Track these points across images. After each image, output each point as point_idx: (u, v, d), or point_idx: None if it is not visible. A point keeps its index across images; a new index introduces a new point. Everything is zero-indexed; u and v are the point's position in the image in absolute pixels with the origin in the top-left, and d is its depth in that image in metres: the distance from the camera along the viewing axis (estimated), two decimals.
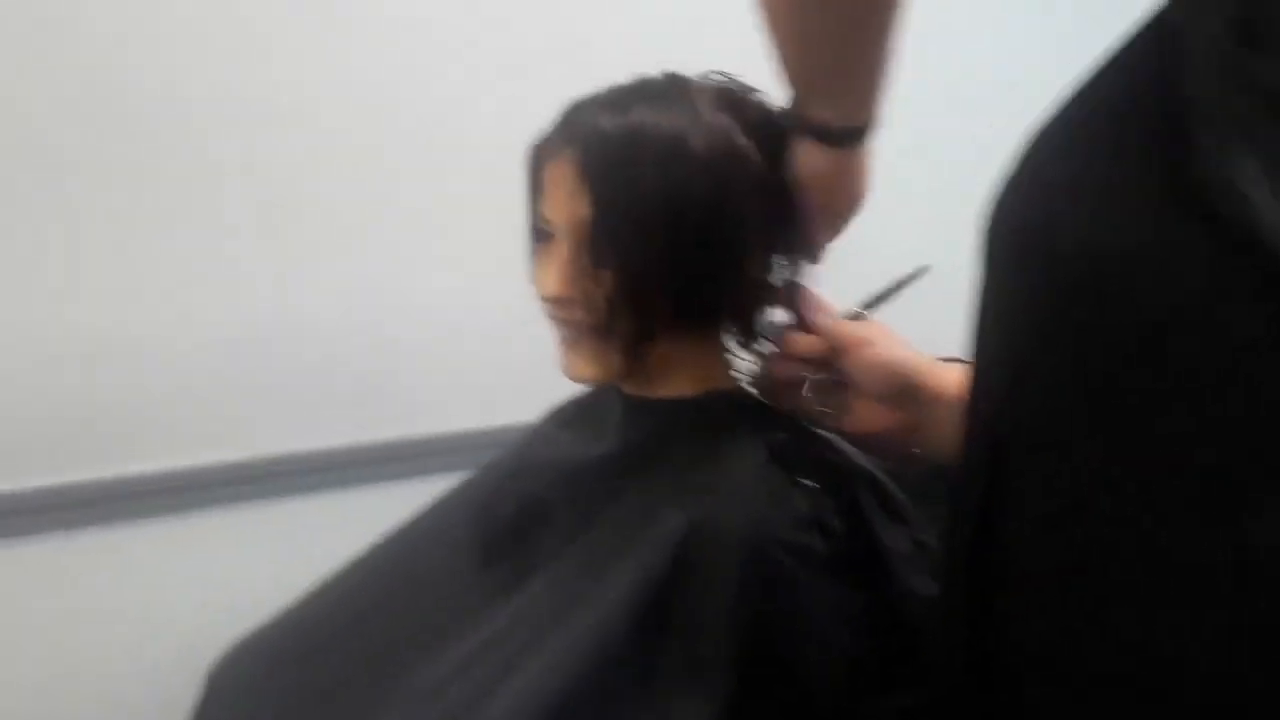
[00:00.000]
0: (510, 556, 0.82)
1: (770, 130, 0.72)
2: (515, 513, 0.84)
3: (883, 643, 0.69)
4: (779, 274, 0.78)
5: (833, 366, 0.75)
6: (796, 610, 0.67)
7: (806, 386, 0.76)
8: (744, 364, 0.80)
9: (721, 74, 0.77)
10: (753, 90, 0.76)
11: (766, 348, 0.79)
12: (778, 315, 0.79)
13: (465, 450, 1.36)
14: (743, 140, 0.70)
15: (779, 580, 0.67)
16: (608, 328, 0.72)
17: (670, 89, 0.73)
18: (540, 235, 0.77)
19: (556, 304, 0.73)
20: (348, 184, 1.27)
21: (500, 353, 1.37)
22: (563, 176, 0.72)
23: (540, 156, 0.76)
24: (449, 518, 0.91)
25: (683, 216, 0.68)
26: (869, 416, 0.75)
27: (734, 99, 0.73)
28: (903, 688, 0.67)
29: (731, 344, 0.79)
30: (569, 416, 0.90)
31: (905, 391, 0.72)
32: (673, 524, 0.69)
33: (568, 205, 0.71)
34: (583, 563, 0.74)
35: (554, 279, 0.73)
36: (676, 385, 0.78)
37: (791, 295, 0.78)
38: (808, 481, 0.72)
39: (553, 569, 0.76)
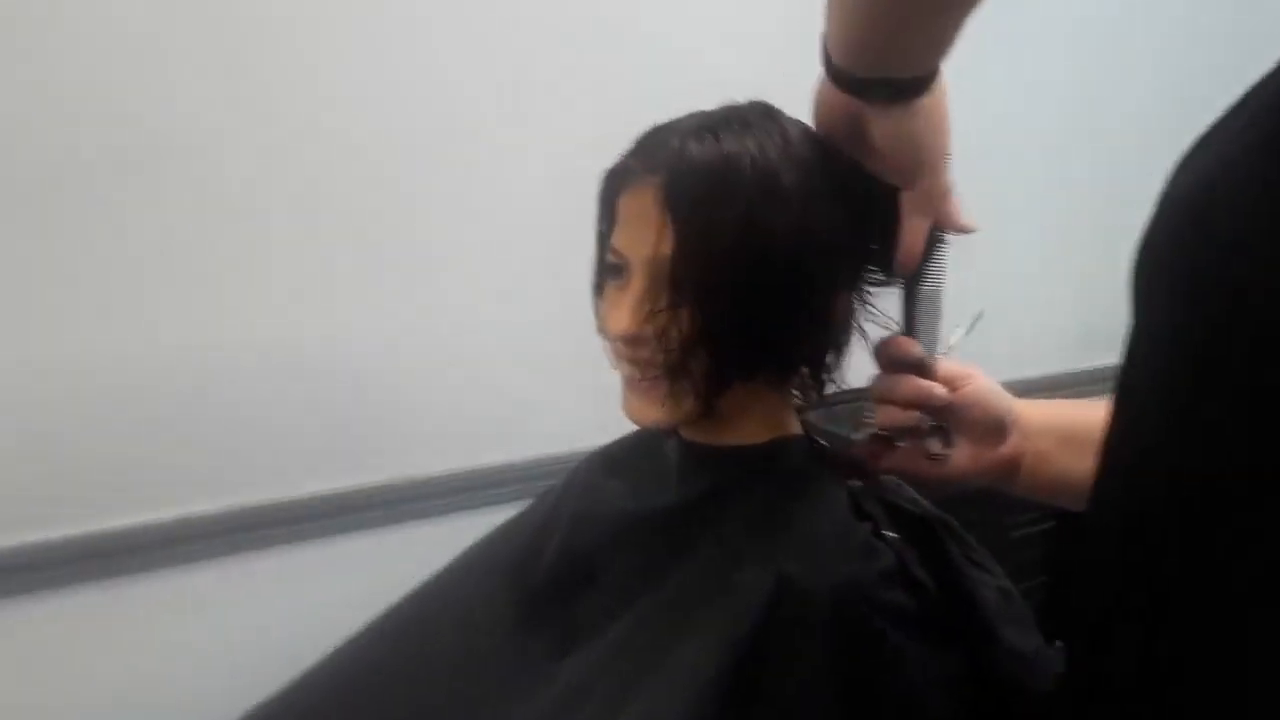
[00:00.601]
0: (555, 621, 0.77)
1: (858, 168, 0.68)
2: (558, 572, 0.80)
3: (979, 702, 0.65)
4: (857, 316, 0.74)
5: (939, 409, 0.72)
6: (889, 674, 0.63)
7: (917, 433, 0.73)
8: (854, 432, 0.77)
9: None
10: None
11: (864, 408, 0.76)
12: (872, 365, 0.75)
13: (461, 491, 1.33)
14: (831, 180, 0.66)
15: (871, 643, 0.63)
16: (682, 369, 0.67)
17: (760, 118, 0.68)
18: (611, 269, 0.71)
19: (628, 342, 0.68)
20: (335, 218, 1.22)
21: (490, 391, 1.34)
22: (642, 207, 0.67)
23: (616, 184, 0.71)
24: (476, 579, 0.86)
25: (771, 255, 0.64)
26: (970, 459, 0.72)
27: (819, 133, 0.69)
28: None
29: (799, 389, 0.75)
30: (614, 464, 0.85)
31: (1008, 424, 0.69)
32: (755, 584, 0.65)
33: (647, 238, 0.66)
34: (651, 626, 0.69)
35: (627, 316, 0.67)
36: (743, 432, 0.74)
37: (889, 344, 0.74)
38: (890, 533, 0.69)
39: (613, 633, 0.72)
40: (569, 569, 0.79)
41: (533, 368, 1.36)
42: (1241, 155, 0.44)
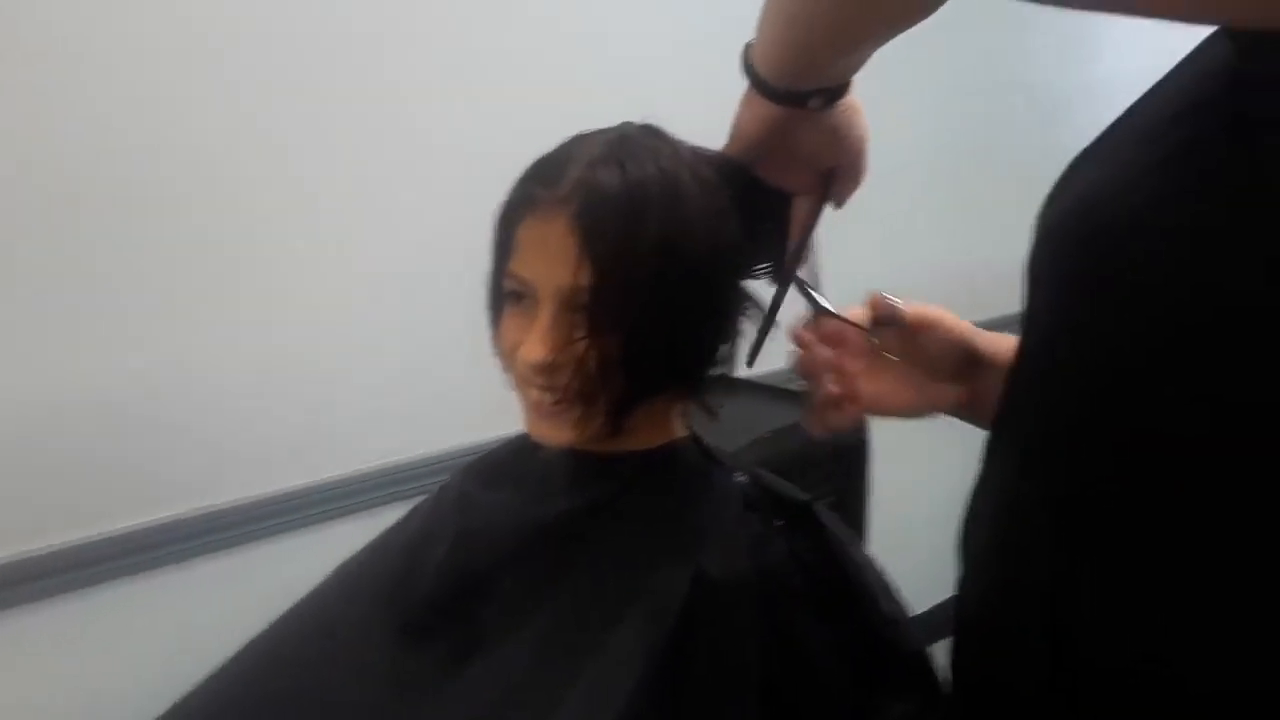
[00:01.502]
0: (446, 639, 0.76)
1: (739, 179, 0.72)
2: (446, 590, 0.78)
3: (866, 664, 0.72)
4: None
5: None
6: (803, 653, 0.69)
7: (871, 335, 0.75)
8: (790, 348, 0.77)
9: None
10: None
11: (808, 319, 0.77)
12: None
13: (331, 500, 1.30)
14: (724, 193, 0.70)
15: (784, 628, 0.69)
16: (595, 392, 0.68)
17: (654, 140, 0.70)
18: (511, 296, 0.70)
19: (540, 370, 0.68)
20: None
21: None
22: (550, 236, 0.66)
23: (518, 212, 0.69)
24: (345, 604, 0.83)
25: (685, 276, 0.67)
26: (934, 395, 0.77)
27: (700, 150, 0.72)
28: (896, 709, 0.71)
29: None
30: (491, 477, 0.84)
31: (971, 362, 0.75)
32: (670, 583, 0.68)
33: (559, 267, 0.66)
34: (564, 633, 0.71)
35: (540, 345, 0.67)
36: (636, 439, 0.76)
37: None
38: (779, 522, 0.75)
39: (520, 645, 0.72)
40: (458, 586, 0.77)
41: (390, 375, 1.34)
42: (1134, 174, 0.51)
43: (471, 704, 0.70)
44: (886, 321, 0.75)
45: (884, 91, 0.80)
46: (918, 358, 0.76)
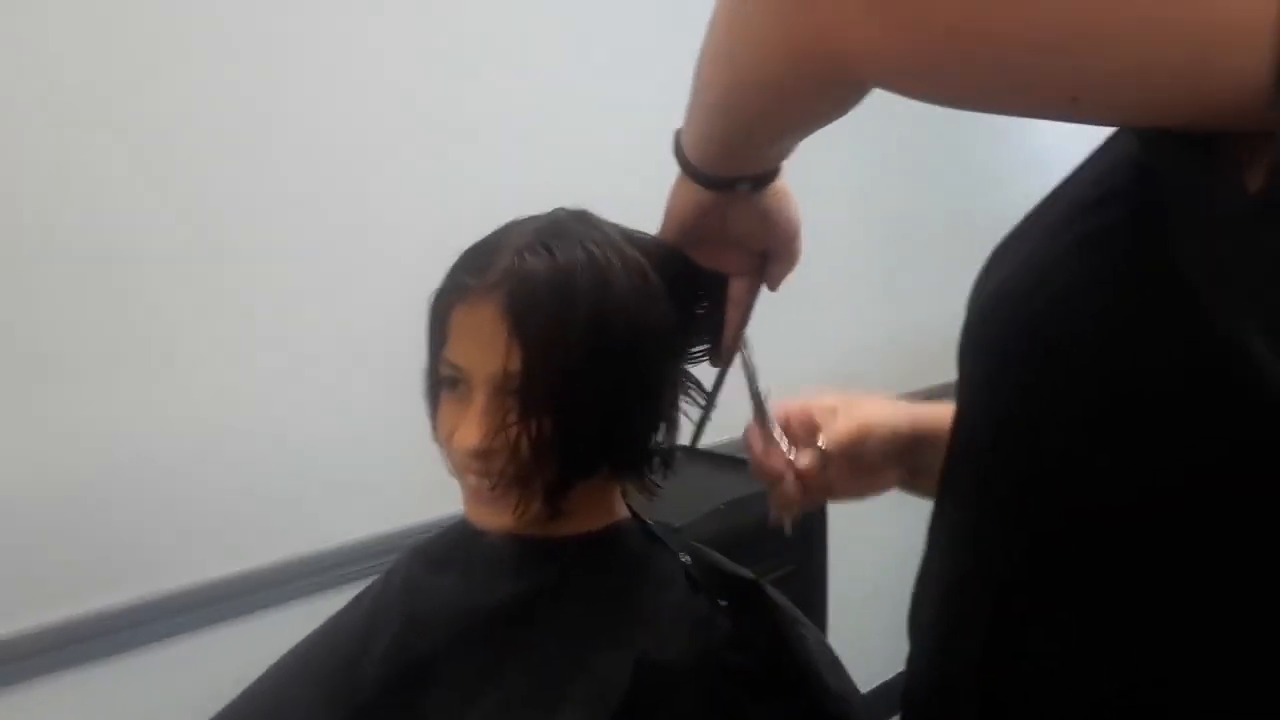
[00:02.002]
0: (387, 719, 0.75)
1: (675, 260, 0.74)
2: (391, 676, 0.77)
3: None
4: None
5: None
6: None
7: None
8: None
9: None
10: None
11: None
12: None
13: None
14: (654, 275, 0.71)
15: (730, 709, 0.69)
16: (531, 476, 0.69)
17: (582, 224, 0.71)
18: (447, 382, 0.71)
19: (476, 456, 0.68)
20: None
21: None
22: (482, 322, 0.67)
23: (449, 300, 0.71)
24: (294, 692, 0.81)
25: (615, 358, 0.68)
26: (881, 481, 0.79)
27: (633, 233, 0.74)
28: None
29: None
30: (437, 561, 0.84)
31: (912, 445, 0.76)
32: (613, 667, 0.68)
33: (490, 353, 0.67)
34: (510, 717, 0.70)
35: (475, 431, 0.68)
36: (579, 522, 0.76)
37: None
38: (723, 602, 0.75)
39: None
40: (404, 673, 0.77)
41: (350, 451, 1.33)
42: (1053, 259, 0.53)
43: None
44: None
45: (821, 167, 0.82)
46: (857, 463, 0.78)
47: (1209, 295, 0.42)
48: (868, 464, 0.78)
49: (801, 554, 1.56)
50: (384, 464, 1.32)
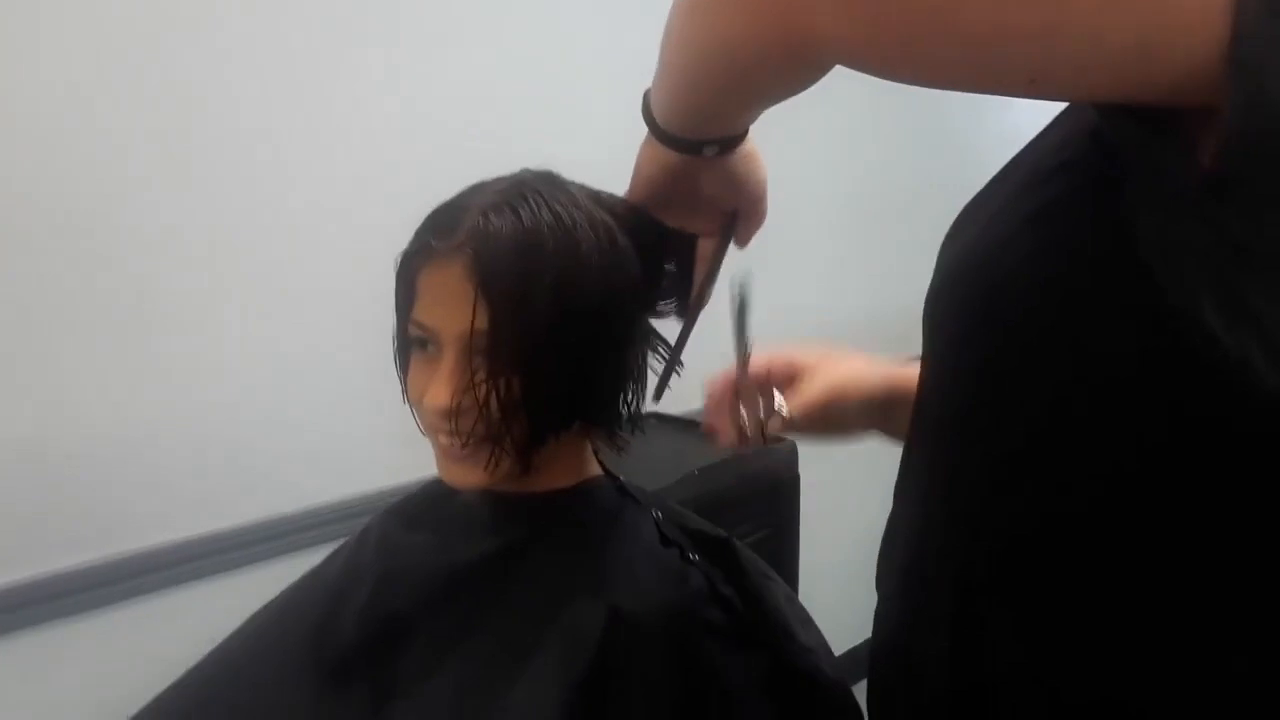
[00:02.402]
0: (365, 682, 0.76)
1: (644, 221, 0.74)
2: (366, 633, 0.78)
3: (787, 693, 0.74)
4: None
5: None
6: (715, 683, 0.70)
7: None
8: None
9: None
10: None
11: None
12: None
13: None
14: (621, 235, 0.72)
15: (702, 661, 0.70)
16: (501, 434, 0.69)
17: (548, 185, 0.71)
18: (416, 342, 0.72)
19: (446, 415, 0.69)
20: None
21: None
22: (449, 282, 0.67)
23: (416, 262, 0.71)
24: (267, 647, 0.82)
25: (582, 315, 0.68)
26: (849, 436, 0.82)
27: (600, 194, 0.74)
28: None
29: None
30: (413, 519, 0.84)
31: (886, 403, 0.78)
32: (586, 621, 0.69)
33: (458, 313, 0.67)
34: (482, 672, 0.71)
35: (444, 390, 0.68)
36: (551, 479, 0.77)
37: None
38: (694, 556, 0.76)
39: (438, 685, 0.72)
40: (379, 629, 0.77)
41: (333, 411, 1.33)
42: (1010, 229, 0.54)
43: None
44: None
45: (794, 135, 0.82)
46: (826, 421, 0.80)
47: (1161, 269, 0.43)
48: (837, 422, 0.79)
49: (775, 519, 1.58)
50: (357, 427, 1.32)
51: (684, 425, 1.68)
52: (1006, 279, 0.53)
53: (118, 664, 1.11)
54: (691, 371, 0.84)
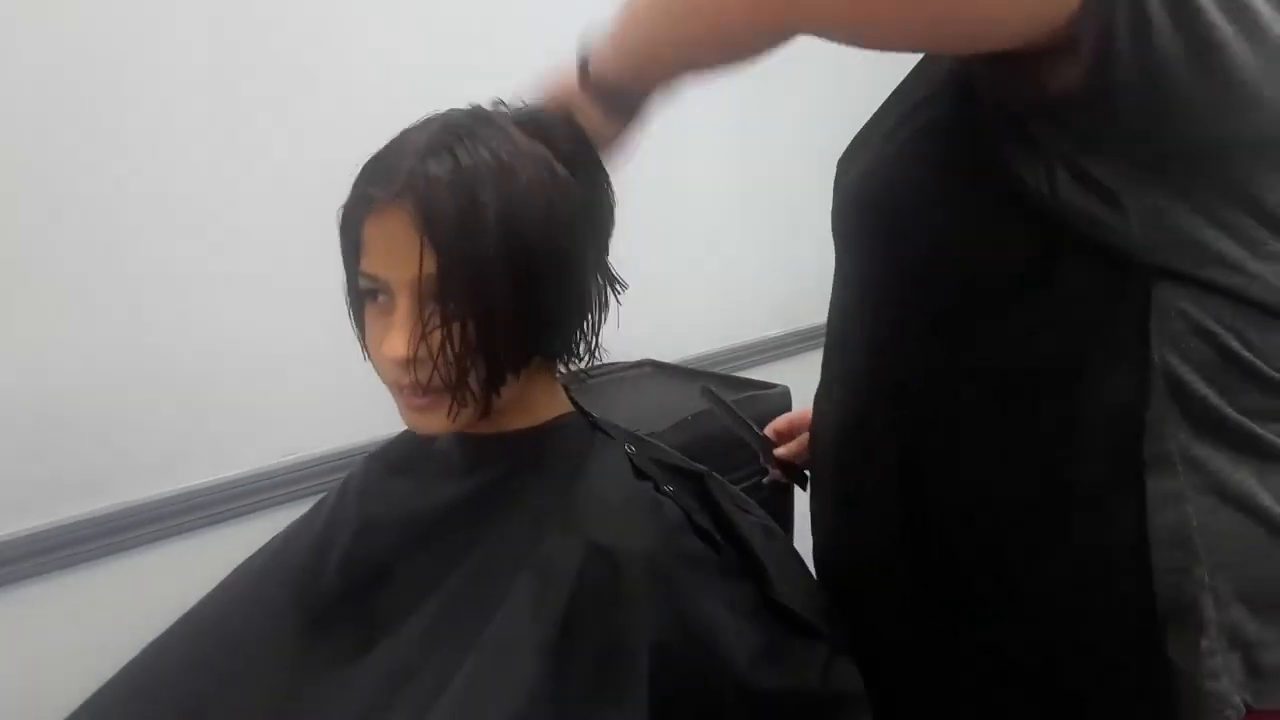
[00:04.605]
0: (350, 624, 0.77)
1: (577, 148, 0.74)
2: (348, 577, 0.79)
3: (768, 623, 0.74)
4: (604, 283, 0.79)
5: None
6: (701, 614, 0.70)
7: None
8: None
9: (503, 101, 0.76)
10: (543, 112, 0.75)
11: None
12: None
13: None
14: (560, 165, 0.71)
15: (680, 589, 0.70)
16: (461, 379, 0.69)
17: (481, 124, 0.70)
18: (368, 294, 0.72)
19: (404, 365, 0.68)
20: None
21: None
22: (393, 230, 0.67)
23: (359, 213, 0.70)
24: (255, 595, 0.83)
25: (529, 251, 0.68)
26: None
27: (537, 125, 0.73)
28: (796, 666, 0.73)
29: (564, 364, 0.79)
30: (393, 465, 0.85)
31: None
32: (563, 553, 0.69)
33: (405, 260, 0.66)
34: (460, 607, 0.72)
35: (400, 339, 0.68)
36: (521, 417, 0.78)
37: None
38: (669, 488, 0.76)
39: (418, 622, 0.73)
40: (360, 573, 0.78)
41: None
42: (895, 151, 0.69)
43: (363, 689, 0.71)
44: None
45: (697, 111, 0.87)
46: None
47: (1022, 159, 0.59)
48: None
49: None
50: (343, 381, 1.32)
51: (678, 372, 1.68)
52: (891, 196, 0.69)
53: (112, 612, 1.13)
54: (689, 314, 0.86)
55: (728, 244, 1.97)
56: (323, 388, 1.33)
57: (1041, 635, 0.66)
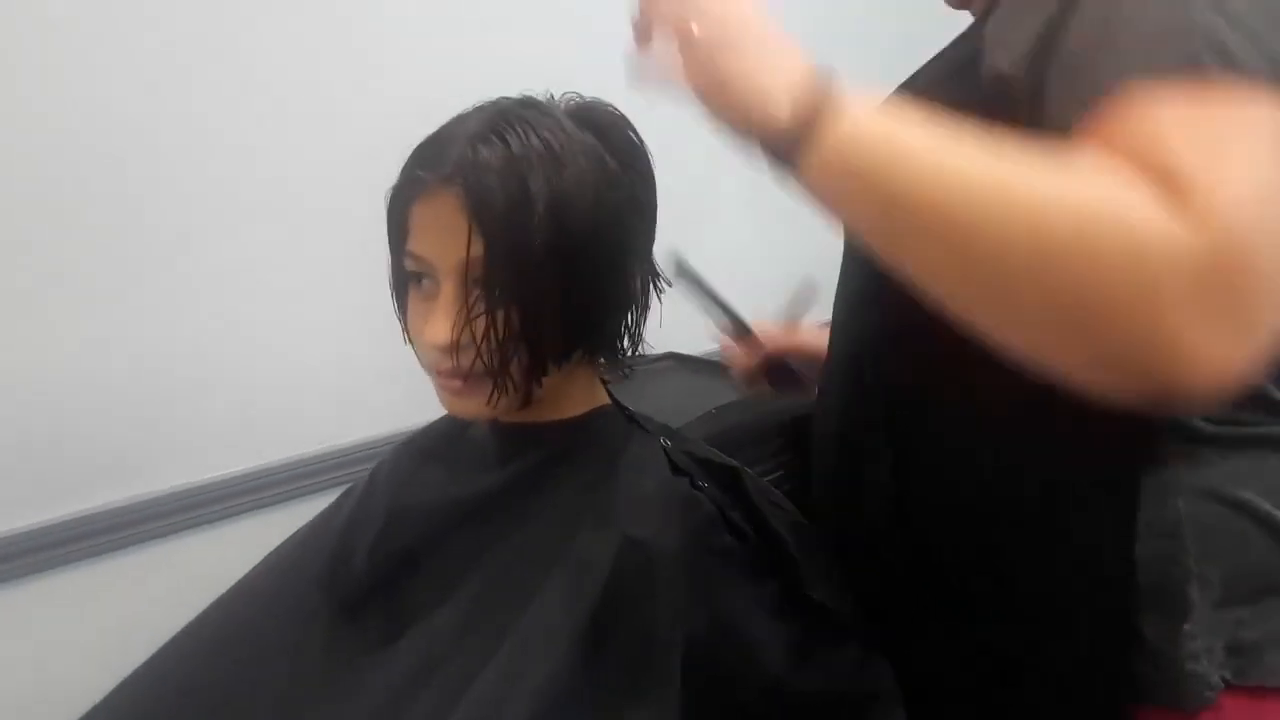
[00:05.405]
0: (376, 611, 0.77)
1: (627, 140, 0.74)
2: (378, 566, 0.79)
3: (808, 622, 0.73)
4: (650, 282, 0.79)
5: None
6: (733, 610, 0.70)
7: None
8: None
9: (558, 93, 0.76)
10: (599, 103, 0.75)
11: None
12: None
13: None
14: (610, 158, 0.71)
15: (712, 586, 0.70)
16: (503, 366, 0.69)
17: (532, 112, 0.71)
18: (413, 277, 0.72)
19: (447, 351, 0.69)
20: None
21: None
22: (442, 215, 0.67)
23: (407, 195, 0.70)
24: (285, 584, 0.83)
25: (574, 241, 0.68)
26: None
27: (589, 116, 0.73)
28: (827, 663, 0.73)
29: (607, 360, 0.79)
30: (426, 453, 0.85)
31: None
32: (598, 546, 0.69)
33: (453, 244, 0.67)
34: (493, 596, 0.72)
35: (443, 325, 0.68)
36: (559, 408, 0.77)
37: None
38: (704, 484, 0.76)
39: (450, 611, 0.73)
40: (391, 561, 0.78)
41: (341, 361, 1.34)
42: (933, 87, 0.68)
43: (393, 676, 0.71)
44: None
45: None
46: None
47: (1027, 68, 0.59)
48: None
49: (793, 455, 1.57)
50: (373, 374, 1.32)
51: (702, 365, 1.67)
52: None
53: (144, 601, 1.13)
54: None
55: (740, 239, 1.97)
56: (348, 378, 1.33)
57: (1040, 635, 0.68)
